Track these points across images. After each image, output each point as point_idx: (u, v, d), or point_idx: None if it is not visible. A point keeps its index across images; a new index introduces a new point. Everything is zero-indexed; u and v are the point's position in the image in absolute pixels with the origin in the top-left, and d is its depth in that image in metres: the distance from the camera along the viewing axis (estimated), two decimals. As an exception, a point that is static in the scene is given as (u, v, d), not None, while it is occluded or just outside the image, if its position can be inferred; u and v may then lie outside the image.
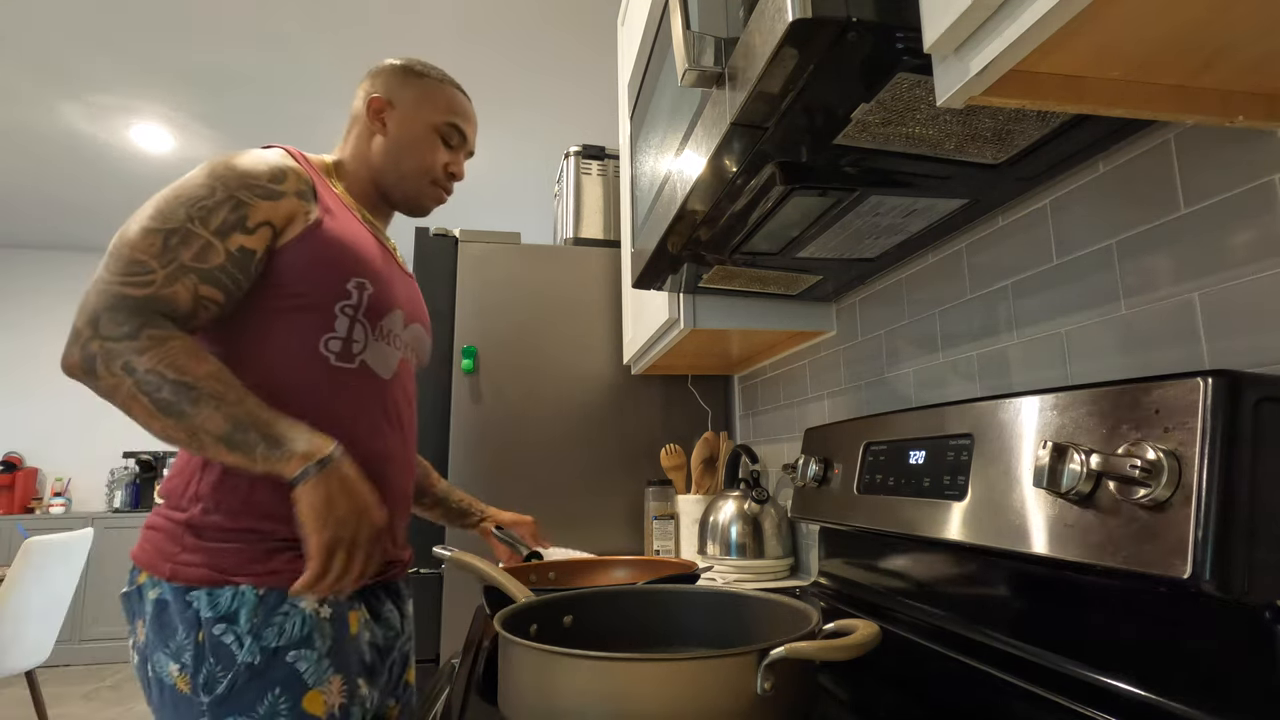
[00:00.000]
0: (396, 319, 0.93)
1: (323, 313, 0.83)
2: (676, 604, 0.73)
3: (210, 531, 0.77)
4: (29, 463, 4.68)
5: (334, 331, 0.84)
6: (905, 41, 0.51)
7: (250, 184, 0.80)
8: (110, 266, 0.73)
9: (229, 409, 0.72)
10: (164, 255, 0.74)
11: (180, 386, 0.70)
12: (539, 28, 2.70)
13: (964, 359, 0.92)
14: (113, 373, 0.70)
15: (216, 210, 0.77)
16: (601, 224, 1.92)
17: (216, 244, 0.76)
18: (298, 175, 0.85)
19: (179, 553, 0.76)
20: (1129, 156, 0.67)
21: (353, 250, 0.87)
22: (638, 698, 0.48)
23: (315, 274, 0.83)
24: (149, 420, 0.71)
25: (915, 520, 0.76)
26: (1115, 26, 0.39)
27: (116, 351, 0.70)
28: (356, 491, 0.74)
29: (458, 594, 1.59)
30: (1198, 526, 0.46)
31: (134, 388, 0.70)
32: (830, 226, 0.87)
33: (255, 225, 0.79)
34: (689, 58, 0.66)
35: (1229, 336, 0.57)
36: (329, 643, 0.77)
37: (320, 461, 0.73)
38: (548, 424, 1.75)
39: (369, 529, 0.75)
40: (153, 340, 0.71)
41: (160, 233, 0.75)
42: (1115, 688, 0.56)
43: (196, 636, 0.73)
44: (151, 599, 0.76)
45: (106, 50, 2.74)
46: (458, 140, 1.02)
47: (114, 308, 0.71)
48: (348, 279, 0.85)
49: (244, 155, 0.83)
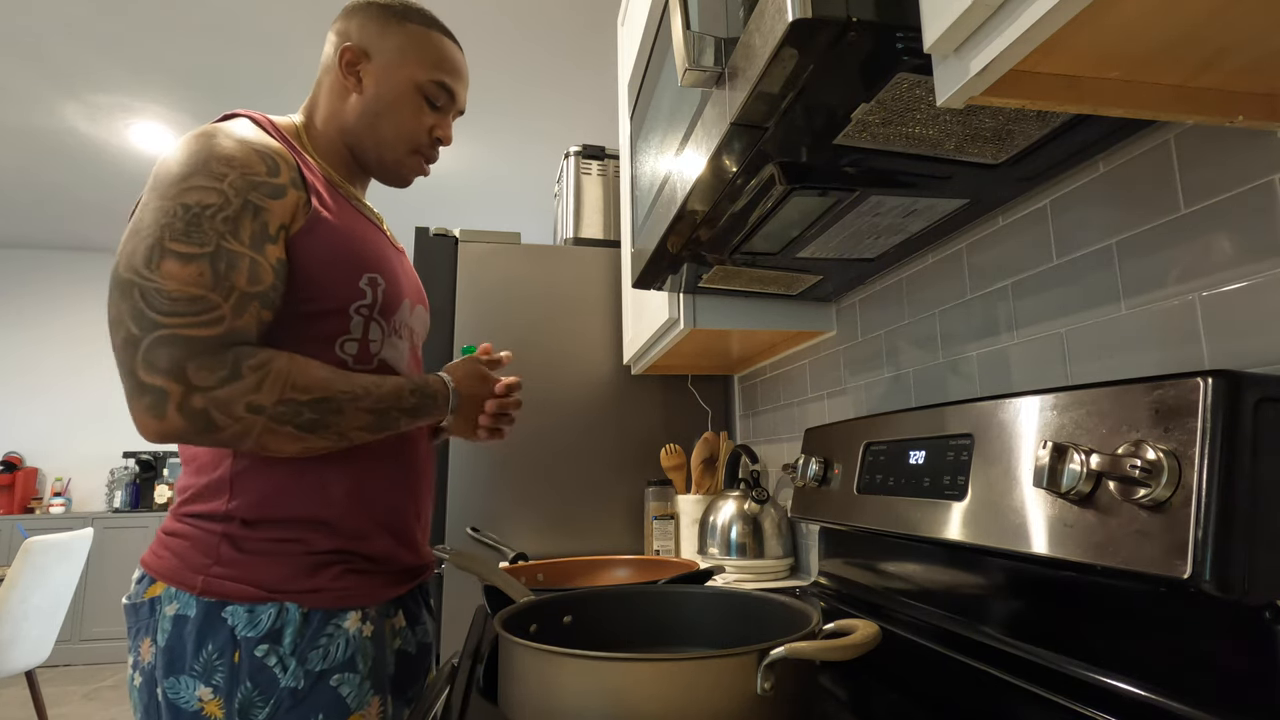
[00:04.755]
0: (406, 308, 0.87)
1: (336, 315, 0.77)
2: (676, 604, 0.73)
3: (251, 542, 0.72)
4: (29, 463, 4.68)
5: (349, 333, 0.78)
6: (905, 41, 0.51)
7: (256, 183, 0.71)
8: (158, 307, 0.64)
9: (365, 402, 0.73)
10: (220, 285, 0.66)
11: (318, 404, 0.69)
12: (539, 27, 2.69)
13: (964, 359, 0.92)
14: (237, 419, 0.65)
15: (240, 221, 0.69)
16: (601, 224, 1.92)
17: (262, 261, 0.70)
18: (286, 160, 0.75)
19: (212, 565, 0.70)
20: (1129, 156, 0.67)
21: (359, 243, 0.80)
22: (638, 698, 0.48)
23: (325, 274, 0.76)
24: (287, 444, 0.69)
25: (915, 520, 0.76)
26: (1115, 27, 0.39)
27: (229, 398, 0.65)
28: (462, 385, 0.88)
29: (458, 594, 1.60)
30: (1198, 526, 0.46)
31: (269, 423, 0.67)
32: (830, 226, 0.87)
33: (276, 231, 0.72)
34: (689, 58, 0.66)
35: (1229, 336, 0.57)
36: (369, 663, 0.75)
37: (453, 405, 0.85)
38: (548, 424, 1.74)
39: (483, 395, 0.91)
40: (257, 371, 0.67)
41: (204, 259, 0.66)
42: (1115, 688, 0.56)
43: (233, 657, 0.68)
44: (170, 614, 0.69)
45: (106, 50, 2.74)
46: (445, 100, 0.88)
47: (197, 354, 0.64)
48: (359, 276, 0.78)
49: (226, 141, 0.72)
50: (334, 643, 0.72)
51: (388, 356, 0.84)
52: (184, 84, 2.99)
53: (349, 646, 0.73)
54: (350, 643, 0.73)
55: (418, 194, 4.18)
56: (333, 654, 0.72)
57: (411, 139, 0.87)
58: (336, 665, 0.72)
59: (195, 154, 0.70)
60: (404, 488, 0.84)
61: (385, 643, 0.78)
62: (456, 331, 1.73)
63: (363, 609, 0.76)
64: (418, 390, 0.80)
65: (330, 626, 0.72)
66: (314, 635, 0.71)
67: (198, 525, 0.73)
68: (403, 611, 0.84)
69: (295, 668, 0.69)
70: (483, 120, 3.37)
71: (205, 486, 0.74)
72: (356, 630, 0.74)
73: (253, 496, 0.73)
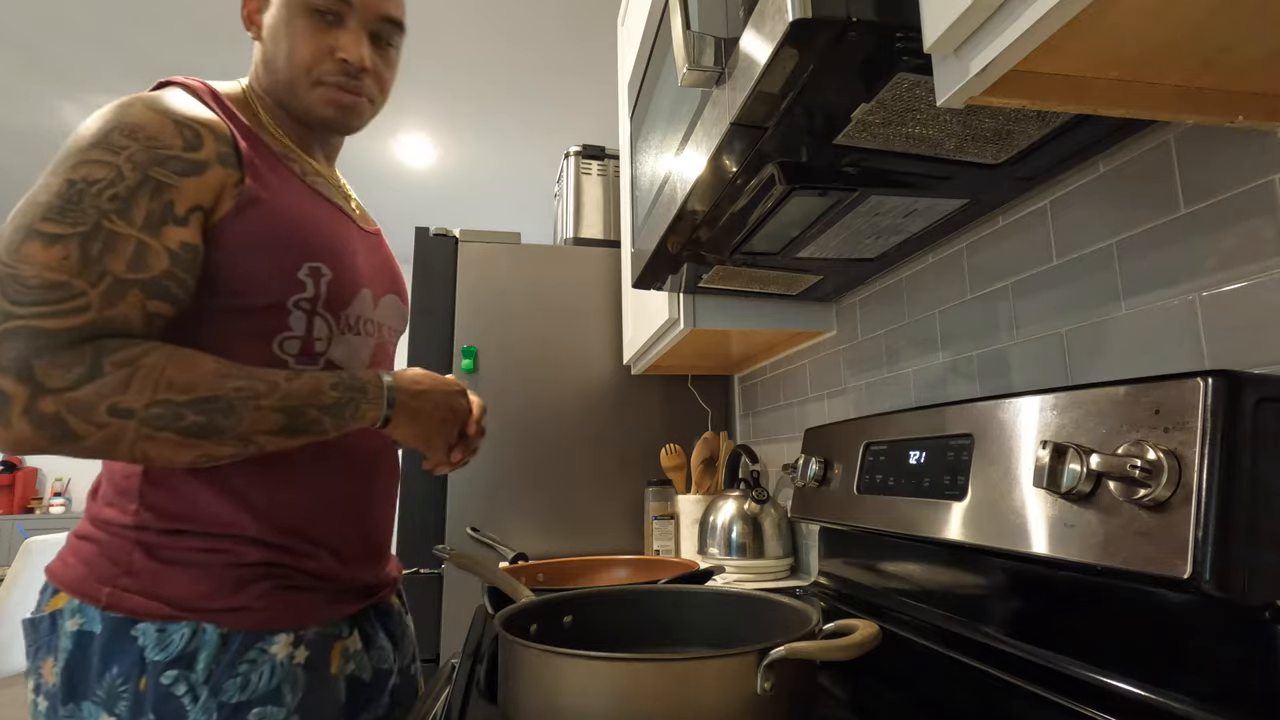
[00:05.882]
0: (365, 301, 0.77)
1: (273, 310, 0.68)
2: (676, 604, 0.73)
3: (169, 550, 0.63)
4: (29, 463, 4.68)
5: (289, 330, 0.69)
6: (905, 41, 0.51)
7: (164, 156, 0.61)
8: (12, 296, 0.55)
9: (270, 400, 0.61)
10: (89, 270, 0.56)
11: (201, 404, 0.58)
12: (539, 27, 2.70)
13: (964, 359, 0.92)
14: (100, 424, 0.55)
15: (134, 199, 0.59)
16: (601, 224, 1.93)
17: (153, 244, 0.59)
18: (214, 131, 0.65)
19: (121, 575, 0.62)
20: (1129, 156, 0.67)
21: (301, 227, 0.69)
22: (638, 698, 0.48)
23: (257, 264, 0.66)
24: (179, 453, 0.59)
25: (915, 520, 0.76)
26: (1115, 27, 0.39)
27: (88, 400, 0.55)
28: (430, 395, 0.73)
29: (458, 594, 1.60)
30: (1198, 526, 0.46)
31: (143, 429, 0.56)
32: (830, 226, 0.87)
33: (187, 212, 0.62)
34: (689, 58, 0.66)
35: (1229, 336, 0.57)
36: (300, 694, 0.65)
37: (389, 399, 0.69)
38: (548, 424, 1.74)
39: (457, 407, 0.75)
40: (124, 367, 0.56)
41: (72, 240, 0.56)
42: (1115, 688, 0.56)
43: (138, 683, 0.59)
44: (70, 631, 0.61)
45: (106, 50, 2.74)
46: (338, 6, 0.73)
47: (48, 349, 0.54)
48: (298, 266, 0.68)
49: (140, 111, 0.62)
50: (256, 670, 0.63)
51: (339, 356, 0.74)
52: (184, 84, 2.99)
53: (274, 675, 0.64)
54: (276, 671, 0.64)
55: (418, 194, 4.18)
56: (254, 684, 0.62)
57: (307, 68, 0.73)
58: (258, 697, 0.62)
59: (100, 125, 0.61)
60: (349, 495, 0.74)
61: (326, 670, 0.69)
62: (456, 331, 1.73)
63: (296, 631, 0.67)
64: (341, 384, 0.66)
65: (253, 652, 0.63)
66: (232, 661, 0.62)
67: (109, 530, 0.64)
68: (358, 632, 0.75)
69: (207, 699, 0.60)
70: (483, 120, 3.37)
71: (118, 487, 0.66)
72: (286, 657, 0.65)
73: (166, 502, 0.64)
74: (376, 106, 0.81)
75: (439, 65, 2.91)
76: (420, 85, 3.07)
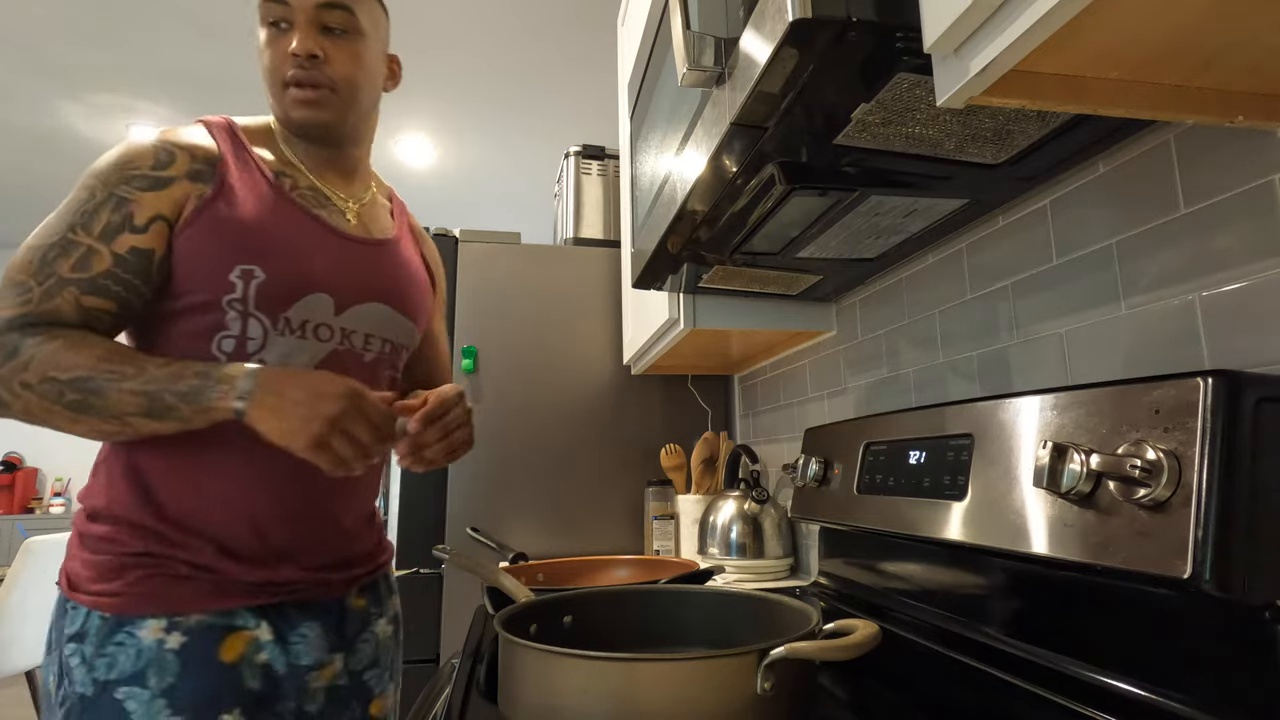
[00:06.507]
0: (317, 305, 0.79)
1: (210, 309, 0.74)
2: (676, 604, 0.73)
3: (87, 539, 0.72)
4: (29, 463, 4.68)
5: (227, 329, 0.74)
6: (905, 41, 0.51)
7: (131, 175, 0.72)
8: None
9: (133, 383, 0.66)
10: (42, 272, 0.68)
11: (76, 383, 0.66)
12: (539, 27, 2.69)
13: (964, 359, 0.92)
14: (16, 395, 0.66)
15: (98, 213, 0.70)
16: (601, 224, 1.93)
17: (101, 249, 0.70)
18: (192, 153, 0.75)
19: (69, 558, 0.73)
20: (1129, 156, 0.67)
21: (242, 230, 0.75)
22: (638, 698, 0.48)
23: (199, 266, 0.73)
24: (73, 426, 0.68)
25: (915, 520, 0.76)
26: (1115, 27, 0.39)
27: (6, 375, 0.66)
28: (298, 383, 0.69)
29: (458, 594, 1.60)
30: (1198, 526, 0.46)
31: (41, 401, 0.66)
32: (830, 226, 0.87)
33: (146, 222, 0.71)
34: (689, 58, 0.66)
35: (1229, 336, 0.57)
36: (169, 680, 0.68)
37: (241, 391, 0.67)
38: (548, 424, 1.74)
39: (335, 402, 0.68)
40: (33, 349, 0.66)
41: (40, 249, 0.69)
42: (1115, 688, 0.56)
43: (61, 651, 0.70)
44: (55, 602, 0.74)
45: (106, 50, 2.74)
46: (279, 12, 0.79)
47: None
48: (230, 268, 0.74)
49: (132, 142, 0.74)
50: (123, 652, 0.68)
51: (275, 357, 0.76)
52: (183, 83, 2.99)
53: (140, 659, 0.68)
54: (143, 655, 0.68)
55: (418, 194, 4.18)
56: (120, 665, 0.67)
57: (273, 75, 0.80)
58: (123, 678, 0.67)
59: (101, 158, 0.74)
60: (245, 494, 0.75)
61: (213, 657, 0.70)
62: (456, 332, 1.73)
63: (171, 618, 0.70)
64: (204, 373, 0.68)
65: (121, 634, 0.68)
66: (103, 642, 0.68)
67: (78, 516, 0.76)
68: (267, 625, 0.75)
69: (85, 675, 0.67)
70: (483, 120, 3.37)
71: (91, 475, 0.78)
72: (154, 641, 0.68)
73: (95, 489, 0.74)
74: (345, 96, 0.82)
75: (439, 66, 2.91)
76: (421, 86, 3.07)
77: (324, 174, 0.86)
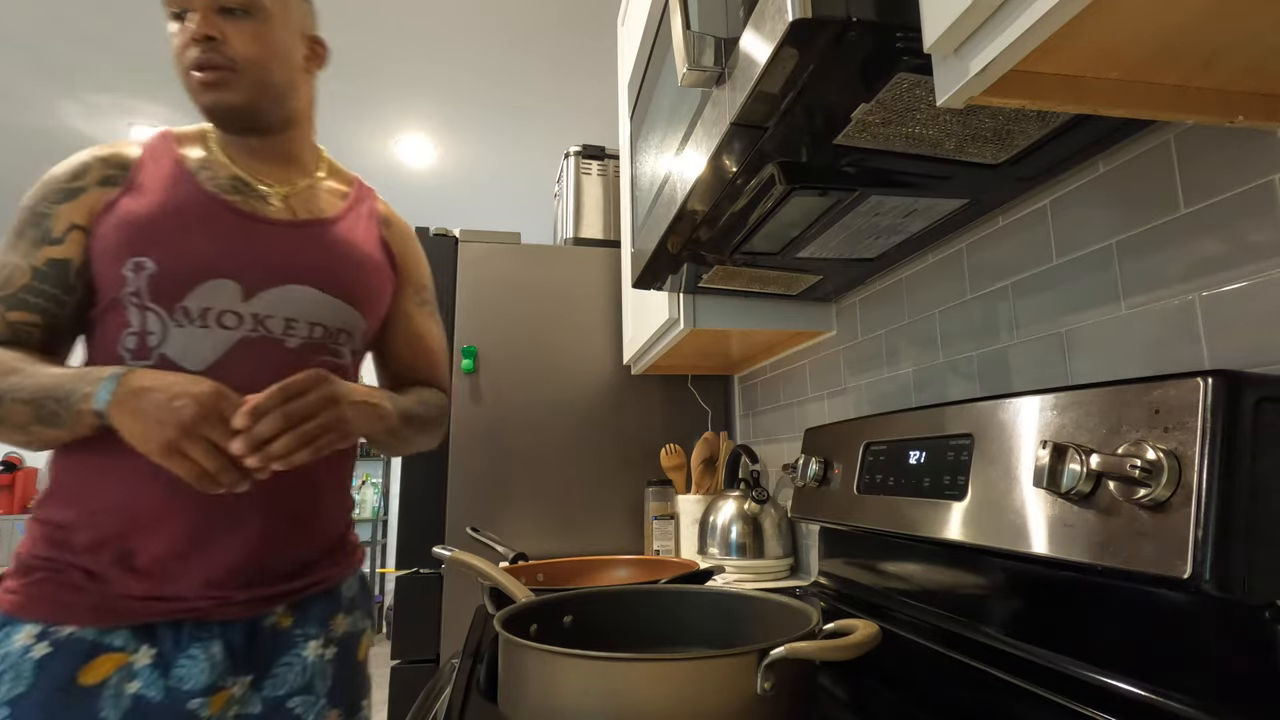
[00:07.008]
0: (218, 291, 0.76)
1: (115, 308, 0.75)
2: (676, 604, 0.73)
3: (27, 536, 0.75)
4: (29, 463, 4.68)
5: (130, 326, 0.74)
6: (905, 41, 0.51)
7: (50, 191, 0.76)
8: None
9: (22, 393, 0.67)
10: None
11: None
12: (539, 27, 2.70)
13: (964, 359, 0.92)
14: None
15: (22, 232, 0.75)
16: (601, 224, 1.93)
17: (22, 264, 0.73)
18: (106, 161, 0.78)
19: None
20: (1129, 156, 0.67)
21: (136, 224, 0.75)
22: (638, 698, 0.48)
23: (103, 266, 0.75)
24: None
25: (915, 520, 0.76)
26: (1115, 26, 0.39)
27: None
28: (157, 384, 0.66)
29: (458, 594, 1.60)
30: (1198, 526, 0.46)
31: None
32: (830, 226, 0.87)
33: (63, 233, 0.75)
34: (689, 58, 0.66)
35: (1229, 336, 0.57)
36: (19, 689, 0.66)
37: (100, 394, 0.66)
38: (548, 424, 1.74)
39: (191, 406, 0.64)
40: None
41: None
42: (1115, 688, 0.56)
43: None
44: None
45: (105, 50, 2.74)
46: (179, 3, 0.79)
47: None
48: (123, 262, 0.74)
49: (63, 162, 0.78)
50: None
51: (176, 350, 0.74)
52: (184, 84, 2.99)
53: (4, 661, 0.68)
54: (7, 658, 0.68)
55: (418, 194, 4.18)
56: None
57: (181, 64, 0.79)
58: None
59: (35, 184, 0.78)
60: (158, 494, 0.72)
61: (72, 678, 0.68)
62: (456, 331, 1.73)
63: (45, 626, 0.69)
64: (80, 377, 0.68)
65: (1, 634, 0.69)
66: None
67: None
68: (148, 648, 0.72)
69: None
70: (483, 120, 3.37)
71: None
72: (21, 648, 0.68)
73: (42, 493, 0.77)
74: (249, 76, 0.80)
75: (439, 66, 2.91)
76: (421, 86, 3.07)
77: (254, 164, 0.85)
